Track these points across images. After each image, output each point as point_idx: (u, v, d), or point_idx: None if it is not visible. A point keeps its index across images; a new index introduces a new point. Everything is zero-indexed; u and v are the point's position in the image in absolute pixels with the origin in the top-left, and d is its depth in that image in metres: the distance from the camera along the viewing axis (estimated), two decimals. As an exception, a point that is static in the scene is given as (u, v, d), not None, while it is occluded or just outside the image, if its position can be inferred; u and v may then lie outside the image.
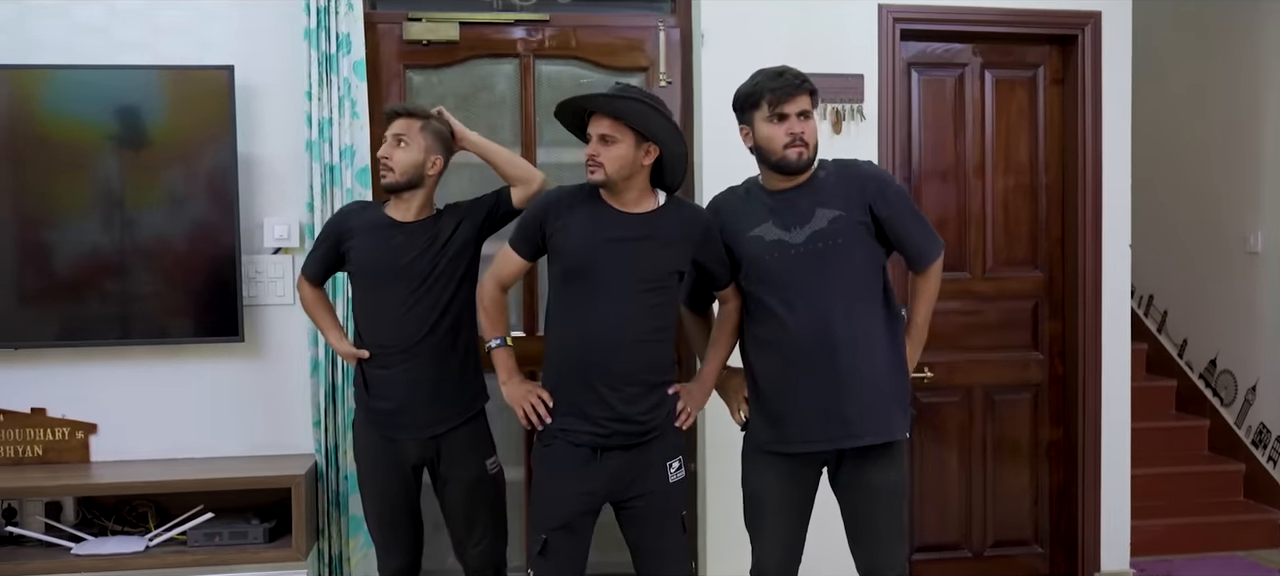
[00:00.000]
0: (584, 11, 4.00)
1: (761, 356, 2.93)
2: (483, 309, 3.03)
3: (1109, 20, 4.14)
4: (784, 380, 2.88)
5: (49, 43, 3.62)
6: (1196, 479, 5.15)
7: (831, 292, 2.82)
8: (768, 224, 2.88)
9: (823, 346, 2.81)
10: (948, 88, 4.19)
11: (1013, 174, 4.25)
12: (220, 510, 3.54)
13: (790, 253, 2.85)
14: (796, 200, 2.88)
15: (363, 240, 3.14)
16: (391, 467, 3.16)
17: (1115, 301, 4.21)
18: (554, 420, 2.90)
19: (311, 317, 3.36)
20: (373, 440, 3.17)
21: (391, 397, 3.11)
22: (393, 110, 3.22)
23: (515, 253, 2.97)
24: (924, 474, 4.23)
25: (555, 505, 2.88)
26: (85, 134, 3.57)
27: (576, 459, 2.87)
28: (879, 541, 2.90)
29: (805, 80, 2.85)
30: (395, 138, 3.13)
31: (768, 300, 2.88)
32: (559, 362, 2.91)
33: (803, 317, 2.83)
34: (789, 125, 2.83)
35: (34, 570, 3.38)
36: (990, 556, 4.32)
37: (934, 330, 4.14)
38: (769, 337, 2.90)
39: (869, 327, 2.86)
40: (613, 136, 2.79)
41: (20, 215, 3.59)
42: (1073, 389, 4.26)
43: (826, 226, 2.83)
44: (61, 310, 3.63)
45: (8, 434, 3.65)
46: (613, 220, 2.86)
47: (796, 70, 2.87)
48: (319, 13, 3.59)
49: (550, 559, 2.87)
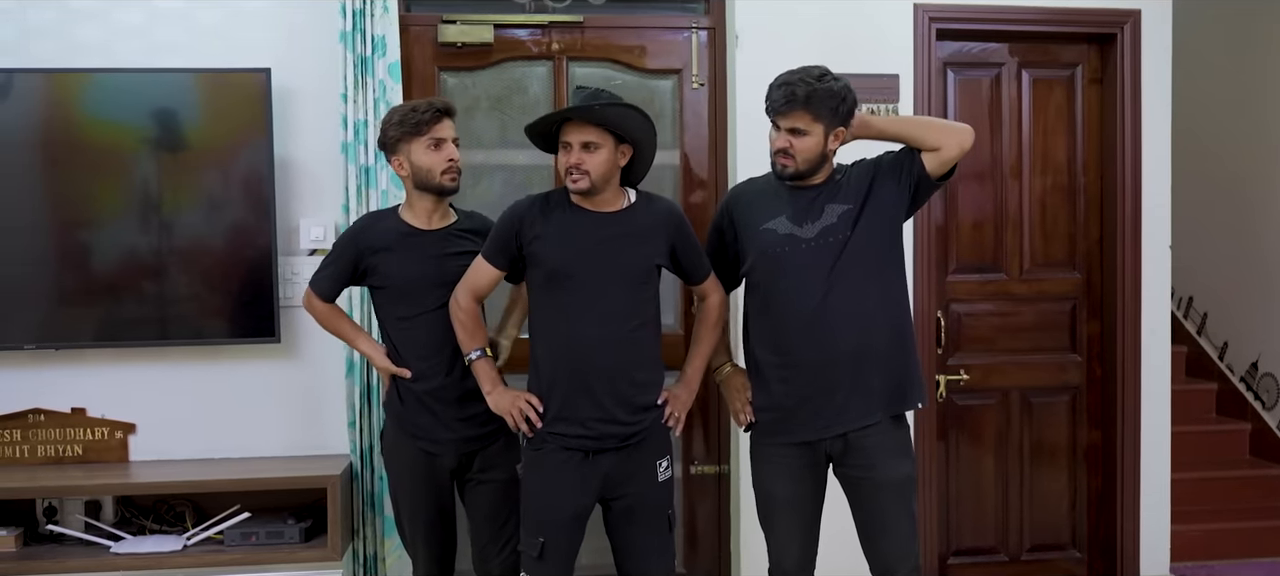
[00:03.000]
0: (617, 13, 3.99)
1: (766, 351, 2.95)
2: (458, 322, 2.98)
3: (1149, 18, 4.08)
4: (788, 372, 2.90)
5: (89, 46, 3.67)
6: (1237, 483, 5.07)
7: (837, 287, 2.84)
8: (781, 217, 2.91)
9: (825, 339, 2.84)
10: (984, 88, 4.15)
11: (1050, 174, 4.21)
12: (256, 510, 3.57)
13: (801, 247, 2.88)
14: (814, 196, 2.90)
15: (390, 253, 3.07)
16: (426, 478, 3.11)
17: (1155, 303, 4.15)
18: (544, 424, 2.91)
19: (331, 330, 3.25)
20: (408, 450, 3.12)
21: (431, 414, 3.06)
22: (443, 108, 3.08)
23: (490, 265, 2.95)
24: (960, 476, 4.20)
25: (551, 509, 2.90)
26: (124, 136, 3.61)
27: (570, 462, 2.89)
28: (888, 536, 2.91)
29: (798, 98, 2.79)
30: (454, 140, 3.07)
31: (774, 292, 2.91)
32: (549, 367, 2.91)
33: (807, 312, 2.85)
34: (779, 138, 2.86)
35: (74, 568, 3.42)
36: (1027, 560, 4.28)
37: (970, 331, 4.18)
38: (773, 330, 2.93)
39: (874, 315, 2.87)
40: (595, 143, 2.82)
41: (60, 217, 3.63)
42: (1111, 391, 4.21)
43: (836, 221, 2.87)
44: (101, 311, 3.66)
45: (48, 433, 3.70)
46: (591, 222, 2.89)
47: (798, 84, 2.81)
48: (355, 16, 3.60)
49: (547, 562, 2.89)
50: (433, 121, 3.04)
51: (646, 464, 2.95)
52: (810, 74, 2.83)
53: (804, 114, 2.81)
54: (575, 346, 2.86)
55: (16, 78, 3.57)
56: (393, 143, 3.07)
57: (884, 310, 2.90)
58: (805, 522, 2.97)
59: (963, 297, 4.14)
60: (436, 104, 3.08)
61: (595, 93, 2.90)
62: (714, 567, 4.10)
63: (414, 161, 3.05)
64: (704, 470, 4.08)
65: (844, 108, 2.85)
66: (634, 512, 2.95)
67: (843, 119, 2.86)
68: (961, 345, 4.17)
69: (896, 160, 2.94)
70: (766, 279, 2.93)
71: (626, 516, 2.96)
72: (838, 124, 2.86)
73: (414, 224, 3.10)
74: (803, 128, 2.82)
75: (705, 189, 4.02)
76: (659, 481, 2.97)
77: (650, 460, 2.95)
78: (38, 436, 3.70)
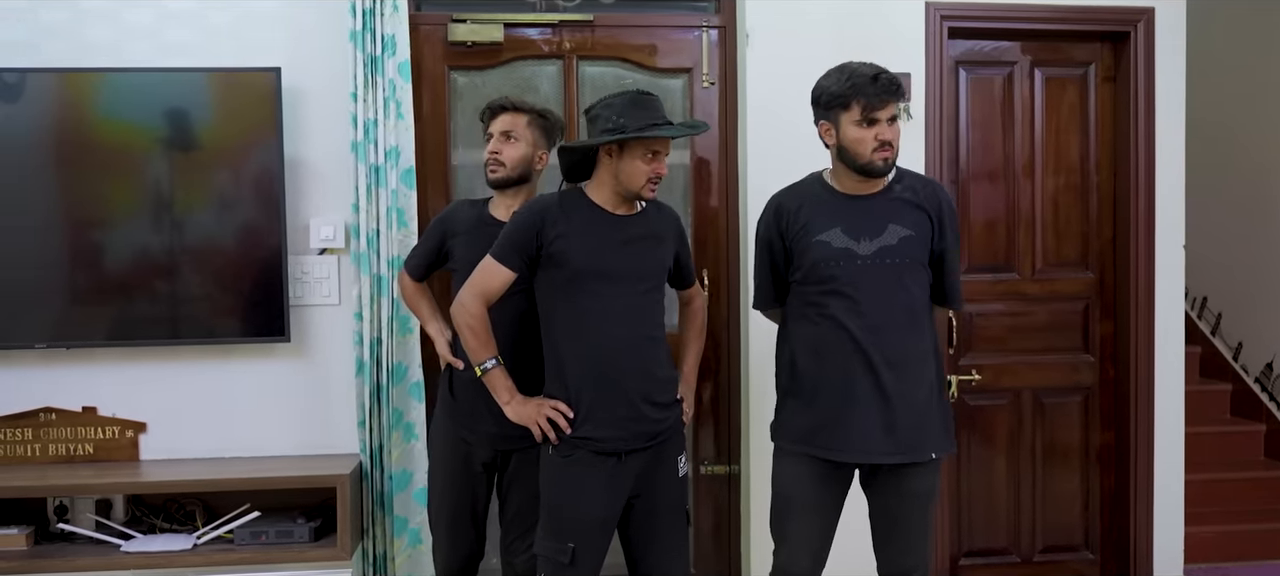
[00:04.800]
0: (627, 12, 3.98)
1: (810, 358, 2.90)
2: (469, 328, 2.89)
3: (1162, 17, 4.06)
4: (831, 386, 2.85)
5: (101, 46, 3.67)
6: (1252, 485, 5.04)
7: (892, 308, 2.82)
8: (836, 229, 2.85)
9: (877, 360, 2.80)
10: (996, 86, 4.13)
11: (1063, 173, 4.18)
12: (266, 509, 3.57)
13: (856, 263, 2.83)
14: (870, 209, 2.85)
15: (466, 238, 3.17)
16: (460, 468, 3.19)
17: (1168, 303, 4.13)
18: (574, 430, 2.87)
19: (412, 309, 3.41)
20: (448, 437, 3.21)
21: (482, 402, 3.06)
22: (499, 104, 3.23)
23: (503, 265, 2.87)
24: (972, 477, 4.18)
25: (585, 514, 2.87)
26: (135, 136, 3.62)
27: (604, 466, 2.86)
28: (909, 544, 2.92)
29: (900, 87, 2.82)
30: (503, 133, 3.16)
31: (828, 305, 2.85)
32: (577, 371, 2.86)
33: (861, 329, 2.81)
34: (879, 130, 2.79)
35: (85, 566, 3.43)
36: (1039, 561, 4.26)
37: (982, 331, 4.16)
38: (822, 341, 2.87)
39: (918, 345, 2.86)
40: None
41: (71, 216, 3.64)
42: (1124, 392, 4.18)
43: (896, 244, 2.83)
44: (112, 310, 3.67)
45: (60, 432, 3.71)
46: (613, 223, 2.89)
47: (891, 74, 2.80)
48: (364, 15, 3.60)
49: (579, 567, 2.86)
50: (492, 115, 3.24)
51: (669, 460, 2.97)
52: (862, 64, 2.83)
53: (896, 104, 2.81)
54: (606, 348, 2.84)
55: (29, 77, 3.58)
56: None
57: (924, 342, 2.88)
58: (821, 532, 2.94)
59: (975, 297, 4.11)
60: (492, 102, 3.27)
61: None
62: (724, 568, 4.09)
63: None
64: (714, 470, 4.07)
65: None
66: (657, 510, 2.95)
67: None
68: (974, 345, 4.15)
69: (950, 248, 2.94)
70: (817, 290, 2.87)
71: (649, 514, 2.95)
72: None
73: (495, 215, 3.21)
74: (896, 116, 2.82)
75: (716, 188, 4.01)
76: (678, 477, 3.00)
77: (672, 456, 2.98)
78: (49, 435, 3.71)
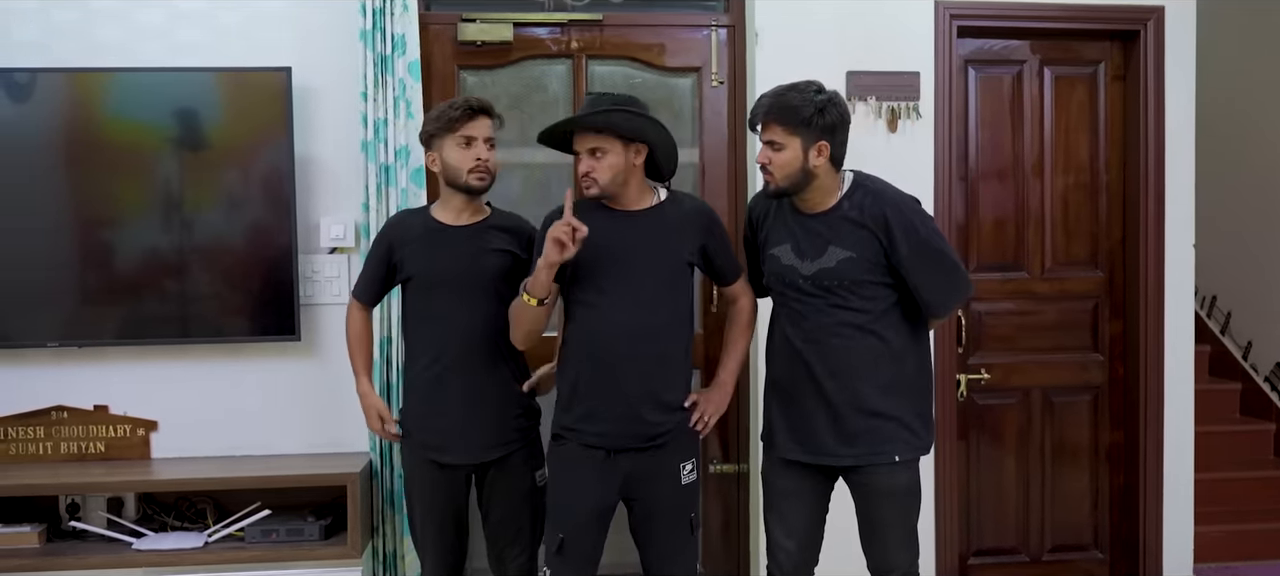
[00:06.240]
0: (636, 11, 3.99)
1: (774, 363, 3.00)
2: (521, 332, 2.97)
3: (1172, 15, 4.05)
4: (784, 391, 2.95)
5: (111, 46, 3.68)
6: (1261, 484, 5.04)
7: (832, 323, 2.84)
8: (786, 246, 2.90)
9: (818, 371, 2.85)
10: (1005, 85, 4.12)
11: (1072, 172, 4.18)
12: (277, 507, 3.58)
13: (799, 281, 2.88)
14: (817, 228, 2.86)
15: (417, 246, 3.08)
16: (441, 485, 3.12)
17: (1178, 302, 4.12)
18: (567, 419, 2.92)
19: (349, 348, 3.20)
20: (419, 458, 3.13)
21: (446, 416, 3.05)
22: (480, 106, 3.07)
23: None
24: (981, 476, 4.18)
25: (570, 505, 2.92)
26: (145, 135, 3.63)
27: (590, 460, 2.90)
28: (887, 543, 2.94)
29: (762, 109, 2.81)
30: (487, 140, 3.07)
31: (780, 314, 2.96)
32: (573, 364, 2.92)
33: (801, 340, 2.87)
34: (760, 151, 2.86)
35: (96, 564, 3.44)
36: (1049, 560, 4.25)
37: (991, 330, 4.16)
38: (776, 348, 2.97)
39: (866, 354, 2.84)
40: (602, 148, 2.83)
41: (83, 216, 3.65)
42: (1134, 391, 4.18)
43: (835, 266, 2.83)
44: (123, 309, 3.68)
45: (72, 430, 3.72)
46: (618, 221, 2.90)
47: (767, 95, 2.82)
48: (374, 14, 3.61)
49: (567, 557, 2.90)
50: (464, 119, 3.04)
51: (670, 466, 2.94)
52: (784, 86, 2.83)
53: (775, 126, 2.79)
54: (600, 343, 2.87)
55: (39, 77, 3.59)
56: (428, 138, 3.10)
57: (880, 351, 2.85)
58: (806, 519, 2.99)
59: (984, 296, 4.11)
60: (471, 102, 3.08)
61: (598, 97, 2.91)
62: (732, 566, 4.09)
63: (444, 158, 3.06)
64: (722, 469, 4.07)
65: (822, 120, 2.76)
66: (655, 515, 2.96)
67: (823, 132, 2.77)
68: (982, 344, 4.15)
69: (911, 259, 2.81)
70: (776, 300, 2.99)
71: (647, 518, 2.97)
72: (819, 138, 2.77)
73: (441, 219, 3.11)
74: (778, 141, 2.79)
75: (724, 187, 4.01)
76: (682, 484, 2.96)
77: (674, 462, 2.95)
78: (61, 433, 3.72)
